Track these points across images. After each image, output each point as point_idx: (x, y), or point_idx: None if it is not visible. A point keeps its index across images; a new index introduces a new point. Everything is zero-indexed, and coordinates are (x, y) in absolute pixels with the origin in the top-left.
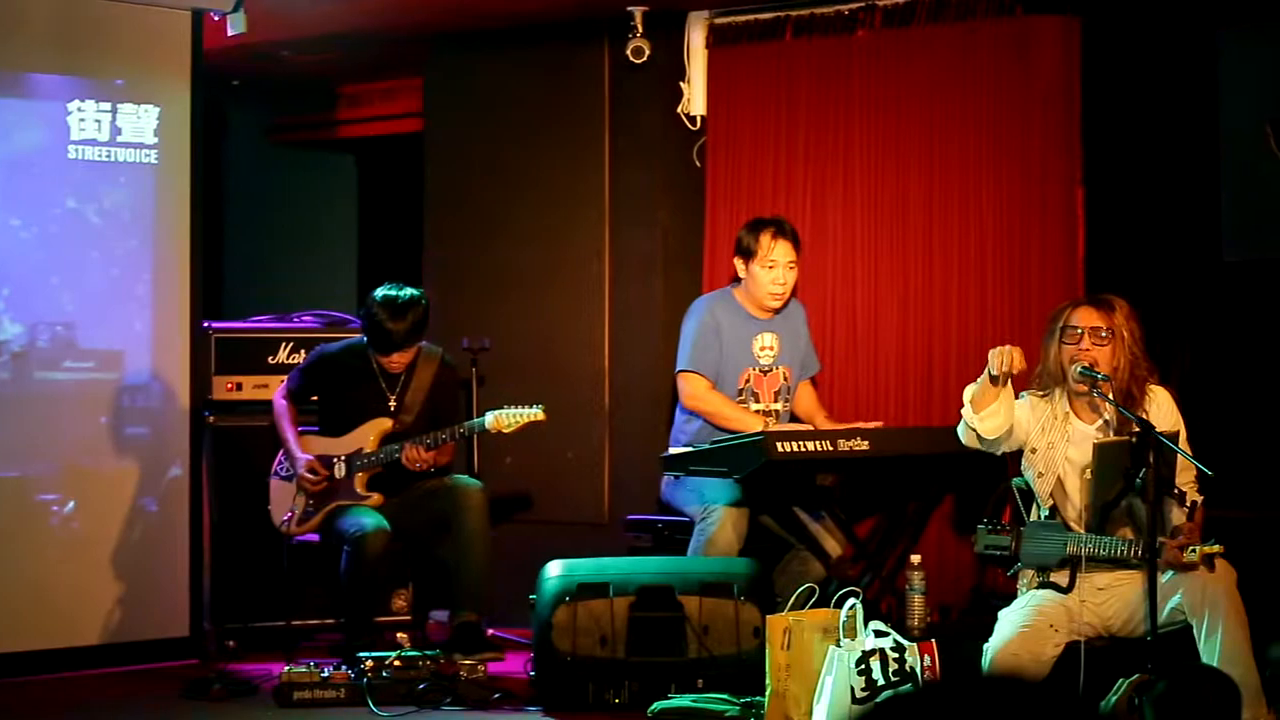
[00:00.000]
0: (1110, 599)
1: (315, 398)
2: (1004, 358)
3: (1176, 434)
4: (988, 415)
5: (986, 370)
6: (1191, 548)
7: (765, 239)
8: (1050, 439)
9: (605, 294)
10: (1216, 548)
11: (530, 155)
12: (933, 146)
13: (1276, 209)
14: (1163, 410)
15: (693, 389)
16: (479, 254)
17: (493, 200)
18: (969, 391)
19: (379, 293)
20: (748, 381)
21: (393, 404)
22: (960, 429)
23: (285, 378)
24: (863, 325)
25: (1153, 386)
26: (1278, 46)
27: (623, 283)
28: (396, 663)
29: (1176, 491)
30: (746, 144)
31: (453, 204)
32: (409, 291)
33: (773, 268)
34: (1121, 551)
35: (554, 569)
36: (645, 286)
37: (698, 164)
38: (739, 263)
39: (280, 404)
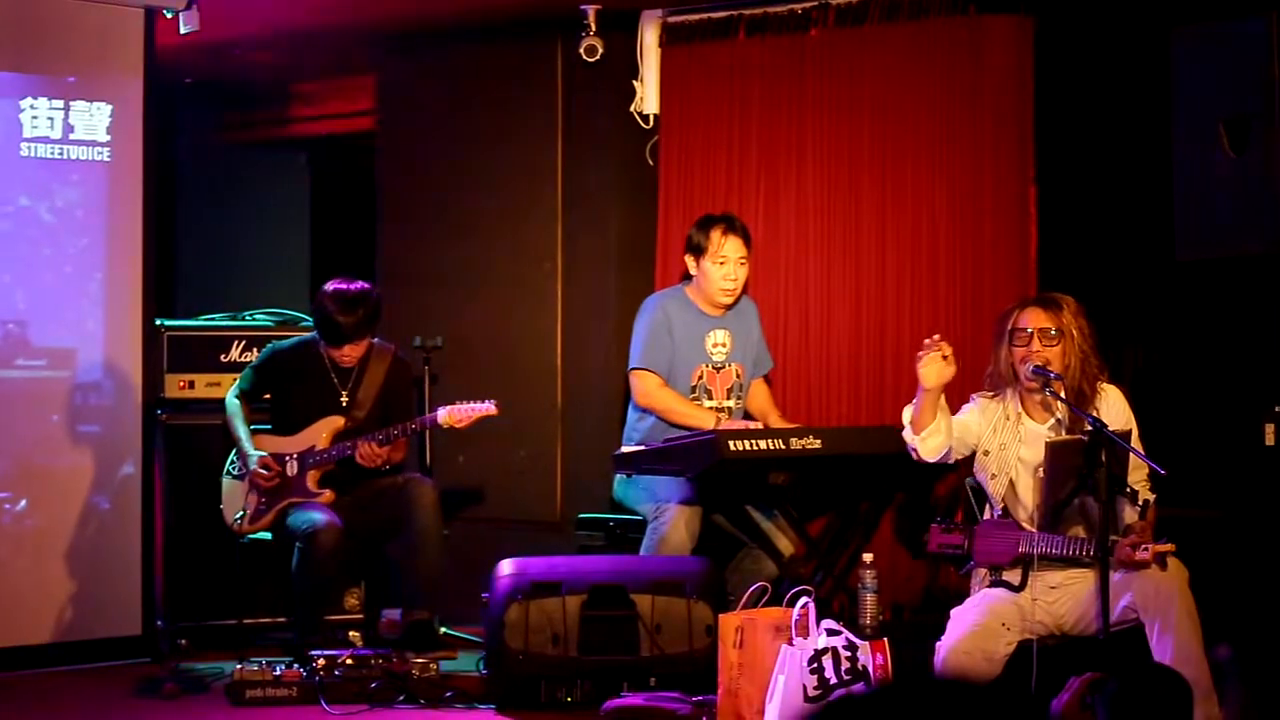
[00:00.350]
0: (1063, 598)
1: (268, 396)
2: (928, 369)
3: (1128, 432)
4: (929, 434)
5: (920, 384)
6: (1144, 546)
7: (716, 235)
8: (1002, 440)
9: (558, 292)
10: (1168, 546)
11: (483, 153)
12: (885, 145)
13: (1228, 209)
14: (1114, 409)
15: (644, 386)
16: (431, 252)
17: (445, 198)
18: (907, 413)
19: (329, 286)
20: (700, 378)
21: (345, 401)
22: (909, 449)
23: (237, 376)
24: (815, 324)
25: (1104, 385)
26: (1230, 46)
27: (575, 281)
28: (349, 661)
29: (1129, 490)
30: (699, 142)
31: (405, 202)
32: (359, 285)
33: (723, 263)
34: (1074, 550)
35: (506, 567)
36: (598, 284)
37: (650, 162)
38: (690, 260)
39: (233, 402)
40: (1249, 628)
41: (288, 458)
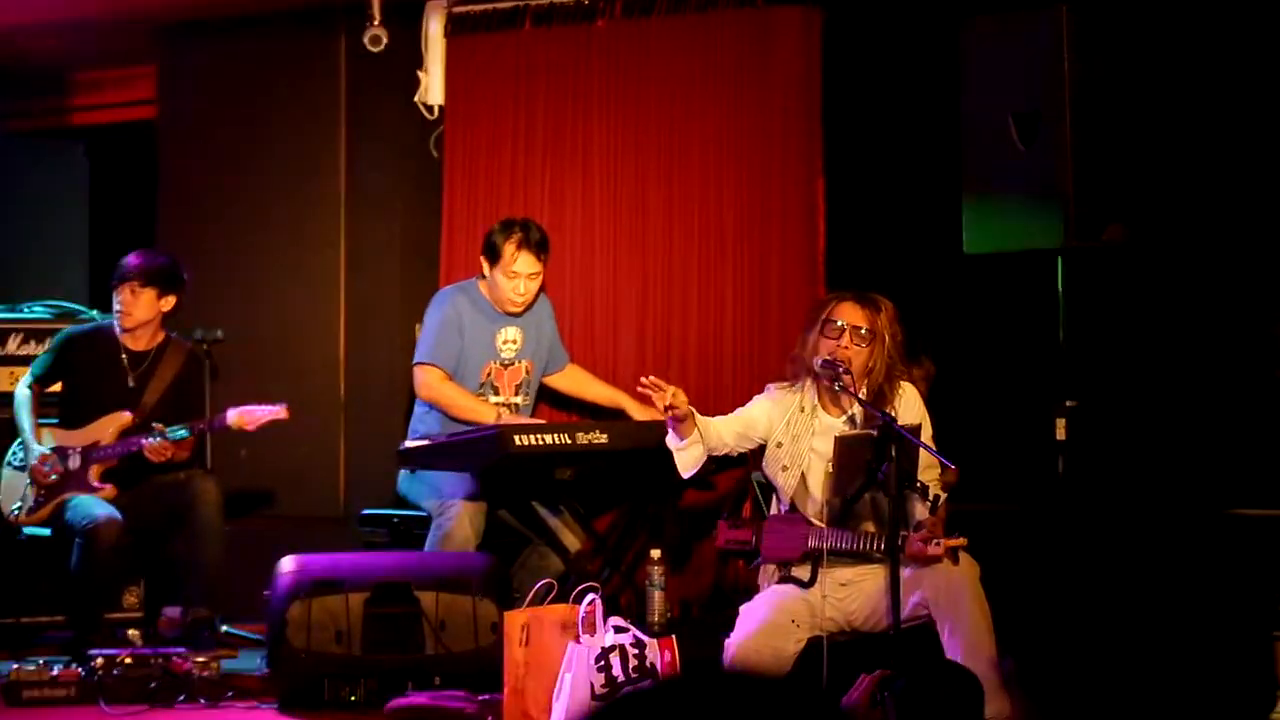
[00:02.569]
0: (853, 594)
1: (60, 386)
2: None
3: (919, 427)
4: (689, 444)
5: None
6: (935, 541)
7: (509, 248)
8: (795, 432)
9: (340, 284)
10: (960, 540)
11: (265, 143)
12: (673, 139)
13: (1016, 203)
14: (908, 404)
15: (427, 380)
16: (213, 243)
17: (227, 188)
18: (670, 438)
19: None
20: (489, 375)
21: (134, 396)
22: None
23: (14, 369)
24: (601, 324)
25: (903, 383)
26: (1020, 39)
27: (359, 273)
28: (128, 660)
29: (919, 485)
30: (484, 135)
31: (186, 193)
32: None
33: (513, 278)
34: (864, 545)
35: (288, 564)
36: (382, 277)
37: (435, 154)
38: (484, 261)
39: (22, 393)
40: (1038, 624)
41: (71, 451)
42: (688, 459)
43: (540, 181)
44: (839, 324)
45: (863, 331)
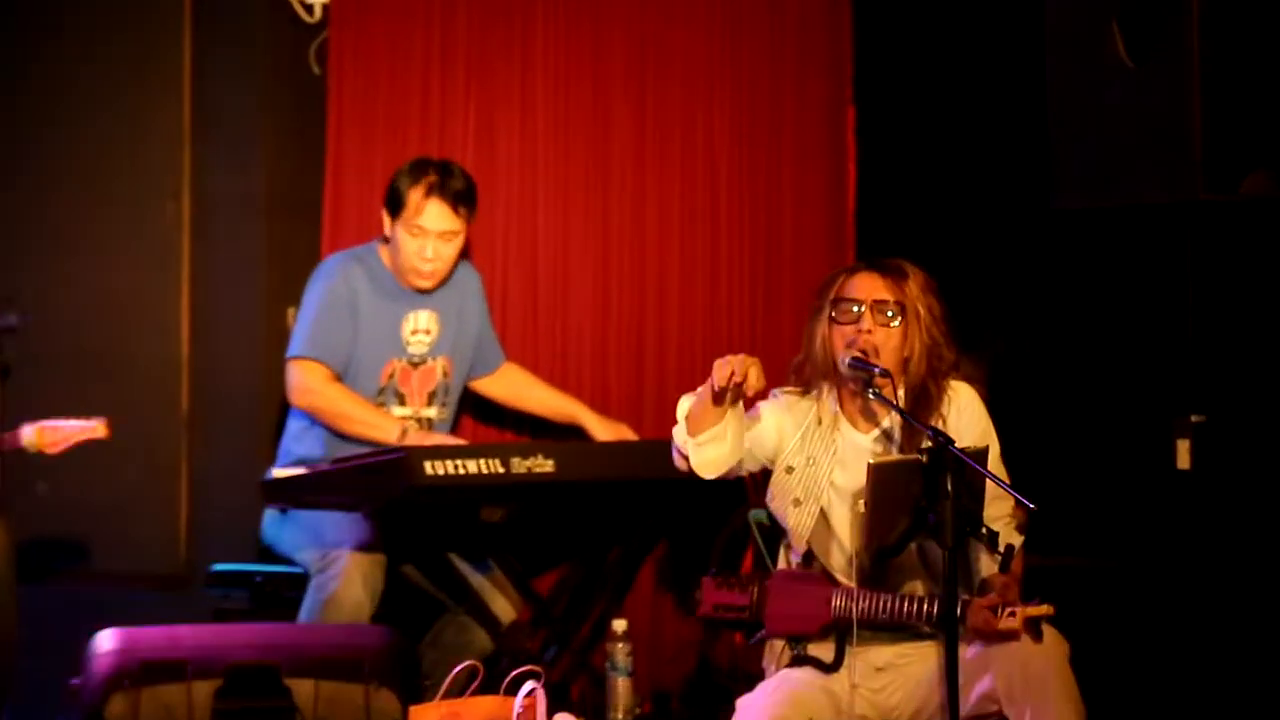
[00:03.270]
0: (894, 682)
1: None
2: (731, 368)
3: (985, 450)
4: (708, 441)
5: (709, 381)
6: (1009, 610)
7: (415, 195)
8: (812, 453)
9: (184, 252)
10: (1044, 609)
11: (80, 62)
12: (645, 56)
13: (1124, 141)
14: (968, 417)
15: (306, 381)
16: (6, 199)
17: (26, 123)
18: (684, 405)
19: None
20: (392, 377)
21: None
22: (675, 454)
23: None
24: (546, 301)
25: (955, 383)
26: None
27: (209, 236)
28: None
29: (985, 531)
30: (383, 43)
31: None
32: None
33: (418, 235)
34: (909, 613)
35: (107, 641)
36: (242, 241)
37: (317, 70)
38: (386, 217)
39: None
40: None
41: None
42: (708, 458)
43: (463, 108)
44: (855, 303)
45: (888, 308)
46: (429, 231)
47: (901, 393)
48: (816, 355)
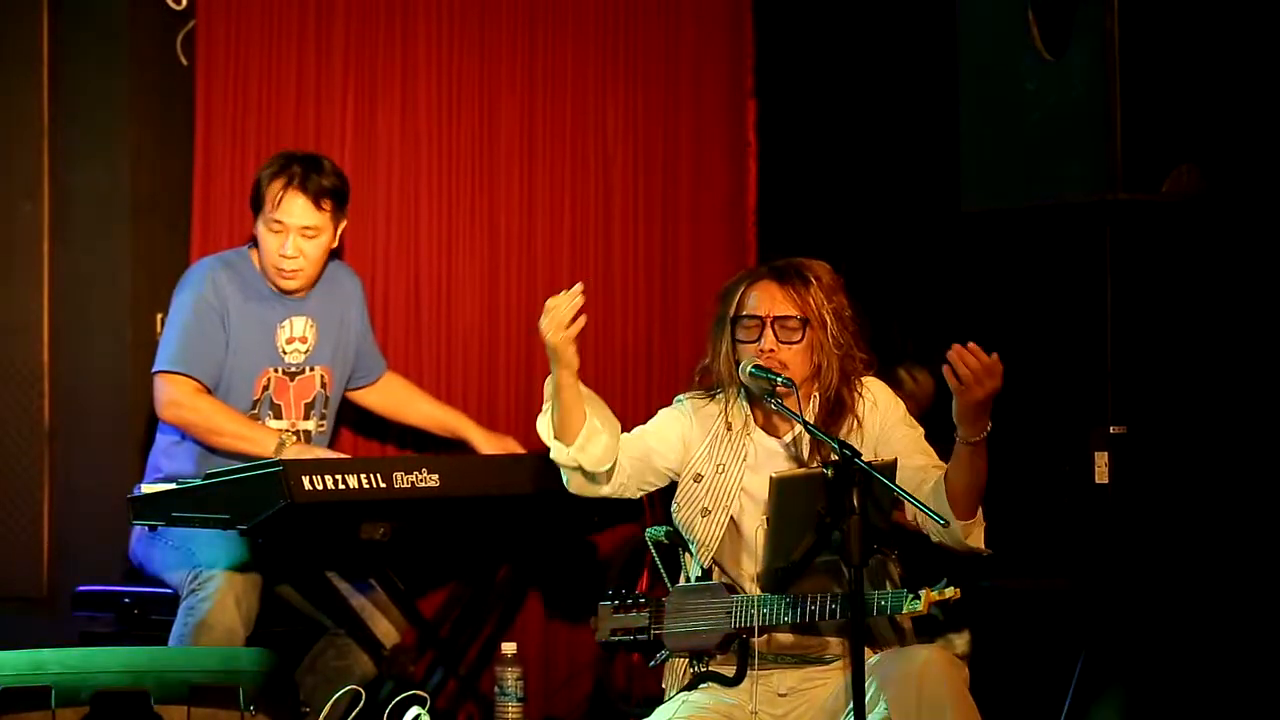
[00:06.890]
0: (796, 709)
1: None
2: (556, 315)
3: (894, 463)
4: (586, 439)
5: (552, 373)
6: (911, 595)
7: (275, 188)
8: (721, 460)
9: (43, 254)
10: (951, 592)
11: None
12: (534, 44)
13: (1038, 138)
14: (884, 411)
15: (173, 394)
16: None
17: None
18: (544, 424)
19: None
20: (266, 388)
21: None
22: (564, 477)
23: None
24: (429, 306)
25: (867, 380)
26: None
27: (70, 237)
28: None
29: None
30: (255, 32)
31: None
32: None
33: (277, 231)
34: (812, 612)
35: None
36: (105, 244)
37: (184, 61)
38: (254, 215)
39: None
40: None
41: None
42: (594, 454)
43: (340, 100)
44: (755, 319)
45: (790, 322)
46: (289, 227)
47: (816, 400)
48: (720, 366)
